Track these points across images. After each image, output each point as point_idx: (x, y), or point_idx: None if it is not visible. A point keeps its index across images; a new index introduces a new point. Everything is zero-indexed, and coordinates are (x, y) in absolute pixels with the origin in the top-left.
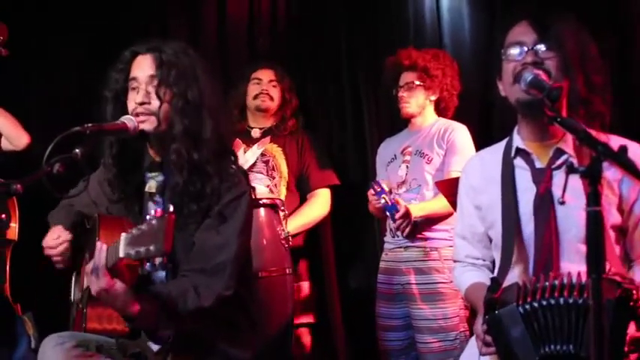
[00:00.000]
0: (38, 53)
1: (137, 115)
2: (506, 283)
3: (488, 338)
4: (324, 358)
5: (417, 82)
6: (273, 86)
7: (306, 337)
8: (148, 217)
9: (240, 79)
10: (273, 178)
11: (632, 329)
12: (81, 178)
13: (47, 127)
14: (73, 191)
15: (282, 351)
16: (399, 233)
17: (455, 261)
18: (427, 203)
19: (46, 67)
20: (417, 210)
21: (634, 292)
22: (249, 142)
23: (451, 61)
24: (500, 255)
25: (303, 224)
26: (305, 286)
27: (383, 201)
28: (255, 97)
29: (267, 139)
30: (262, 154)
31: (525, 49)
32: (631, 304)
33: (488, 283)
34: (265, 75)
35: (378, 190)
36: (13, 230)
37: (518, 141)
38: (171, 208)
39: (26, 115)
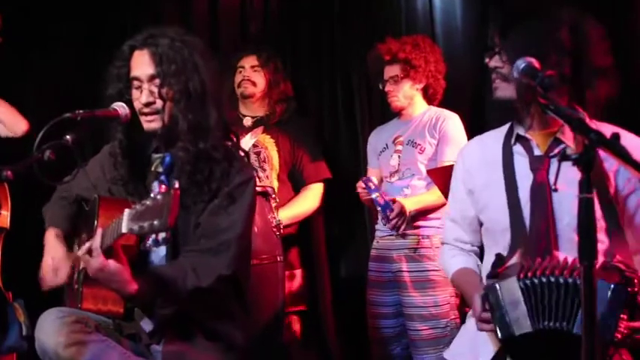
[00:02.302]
0: (33, 40)
1: (143, 114)
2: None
3: (486, 315)
4: (315, 345)
5: (401, 75)
6: (256, 71)
7: (297, 325)
8: (152, 193)
9: (228, 69)
10: (264, 170)
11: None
12: (72, 164)
13: (41, 114)
14: (67, 178)
15: (273, 338)
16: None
17: (443, 243)
18: (421, 196)
19: (42, 54)
20: (412, 204)
21: (635, 280)
22: (242, 131)
23: (431, 46)
24: (510, 240)
25: (293, 216)
26: (297, 274)
27: (375, 196)
28: (239, 85)
29: (260, 129)
30: (254, 145)
31: (492, 52)
32: (629, 290)
33: (475, 269)
34: (247, 62)
35: (372, 187)
36: (5, 218)
37: (519, 128)
38: (177, 184)
39: (21, 103)
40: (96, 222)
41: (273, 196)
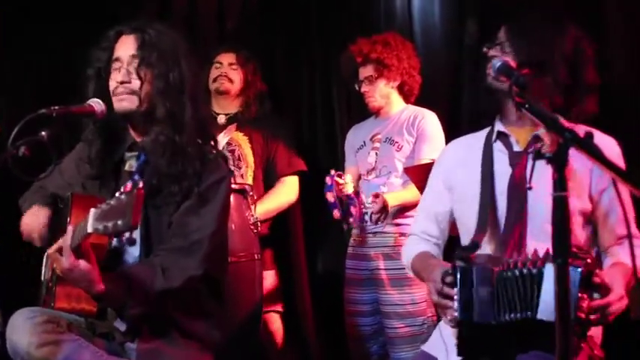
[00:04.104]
0: (8, 34)
1: (117, 94)
2: None
3: (448, 290)
4: (293, 344)
5: (375, 75)
6: (234, 69)
7: (275, 324)
8: (117, 193)
9: (205, 63)
10: (240, 168)
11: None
12: (48, 160)
13: (16, 109)
14: (42, 175)
15: (251, 336)
16: (367, 219)
17: (410, 234)
18: (401, 193)
19: (18, 49)
20: (393, 200)
21: (588, 261)
22: (216, 129)
23: (402, 42)
24: (476, 225)
25: (268, 210)
26: (271, 274)
27: (329, 196)
28: (215, 80)
29: (233, 126)
30: (228, 144)
31: (494, 44)
32: (582, 271)
33: (435, 254)
34: (226, 58)
35: (328, 183)
36: None
37: (499, 125)
38: (141, 184)
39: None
40: (69, 219)
41: (251, 193)
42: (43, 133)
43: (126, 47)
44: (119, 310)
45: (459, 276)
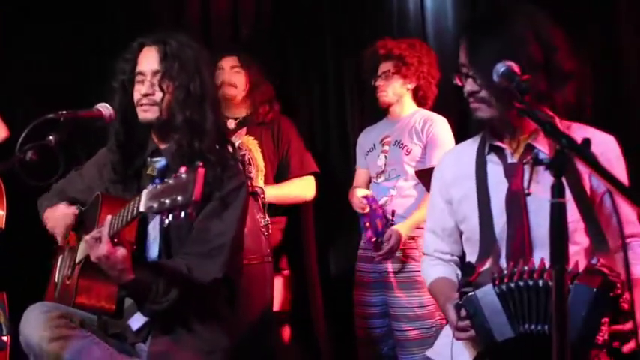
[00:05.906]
0: (18, 40)
1: (141, 105)
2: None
3: (462, 323)
4: (304, 345)
5: (393, 71)
6: (236, 72)
7: (285, 326)
8: (176, 173)
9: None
10: (250, 172)
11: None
12: (56, 165)
13: (26, 114)
14: (54, 177)
15: (262, 338)
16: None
17: (424, 254)
18: (414, 218)
19: (27, 54)
20: (407, 229)
21: (617, 284)
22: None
23: (428, 50)
24: (479, 248)
25: (283, 195)
26: (284, 275)
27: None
28: (219, 87)
29: (243, 131)
30: (238, 148)
31: (463, 74)
32: (611, 295)
33: (453, 278)
34: (227, 62)
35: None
36: (0, 219)
37: (491, 138)
38: (201, 163)
39: (6, 102)
40: (98, 217)
41: (262, 196)
42: (51, 137)
43: (148, 61)
44: (141, 302)
45: (467, 308)
